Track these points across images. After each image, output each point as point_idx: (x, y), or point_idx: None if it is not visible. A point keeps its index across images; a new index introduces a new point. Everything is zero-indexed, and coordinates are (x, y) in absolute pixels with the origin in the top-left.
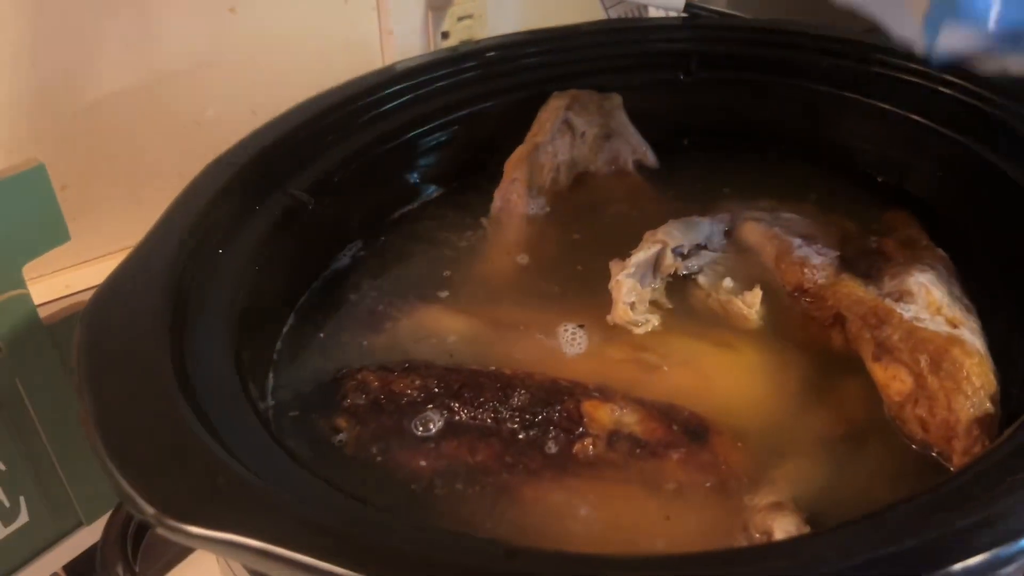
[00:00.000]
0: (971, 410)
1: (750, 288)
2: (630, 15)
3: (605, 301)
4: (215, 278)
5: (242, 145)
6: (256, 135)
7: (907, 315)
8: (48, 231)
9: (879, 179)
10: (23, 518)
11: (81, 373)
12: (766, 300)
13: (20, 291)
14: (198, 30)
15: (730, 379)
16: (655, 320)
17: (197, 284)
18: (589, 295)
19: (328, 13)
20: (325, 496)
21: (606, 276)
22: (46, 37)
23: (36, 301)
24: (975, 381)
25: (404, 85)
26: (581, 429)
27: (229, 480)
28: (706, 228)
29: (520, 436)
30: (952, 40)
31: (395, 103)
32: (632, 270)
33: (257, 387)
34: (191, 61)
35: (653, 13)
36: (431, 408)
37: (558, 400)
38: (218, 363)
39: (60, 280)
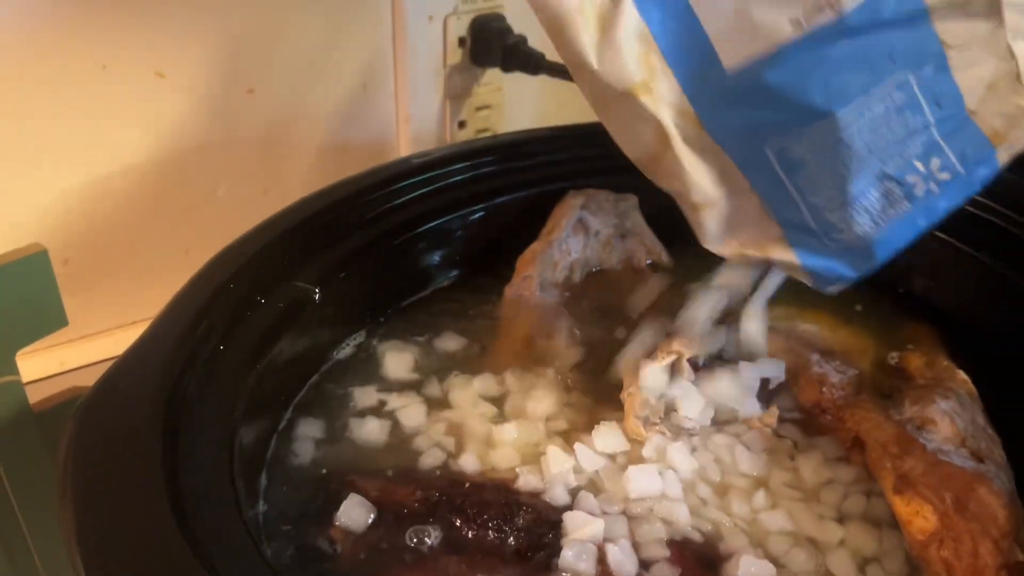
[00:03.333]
0: (999, 557)
1: None
2: None
3: (617, 407)
4: (213, 378)
5: (250, 236)
6: (265, 226)
7: (930, 446)
8: (46, 317)
9: (900, 290)
10: None
11: (67, 485)
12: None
13: (12, 377)
14: (214, 109)
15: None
16: (667, 436)
17: (195, 384)
18: (597, 393)
19: (346, 97)
20: None
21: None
22: (57, 109)
23: (29, 377)
24: (1003, 524)
25: (418, 179)
26: None
27: None
28: (722, 337)
29: (525, 555)
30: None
31: (408, 196)
32: (646, 381)
33: (249, 490)
34: (205, 139)
35: None
36: (431, 521)
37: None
38: (211, 471)
39: (55, 356)
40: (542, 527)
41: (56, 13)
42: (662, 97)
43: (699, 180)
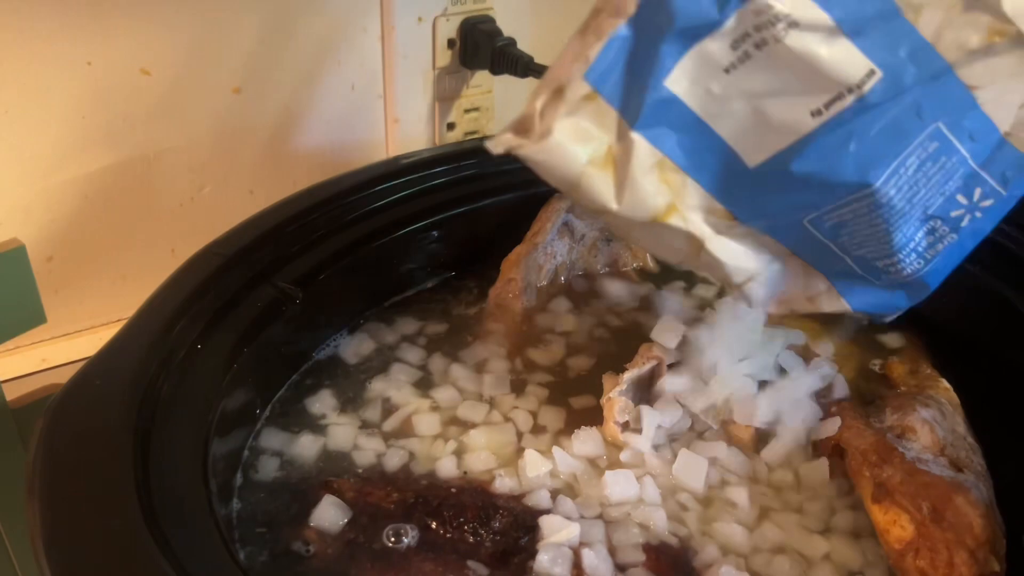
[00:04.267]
0: (975, 567)
1: None
2: None
3: (596, 412)
4: (189, 378)
5: (232, 235)
6: (247, 225)
7: (909, 455)
8: (24, 314)
9: None
10: None
11: (35, 483)
12: None
13: None
14: (200, 108)
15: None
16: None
17: (170, 384)
18: (577, 397)
19: (334, 98)
20: None
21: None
22: (42, 105)
23: (10, 375)
24: (979, 535)
25: (403, 180)
26: None
27: None
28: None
29: (500, 558)
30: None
31: (393, 197)
32: (625, 387)
33: (223, 490)
34: (191, 138)
35: None
36: (407, 523)
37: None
38: (184, 472)
39: (37, 353)
40: (518, 530)
41: (41, 9)
42: (689, 207)
43: (739, 264)
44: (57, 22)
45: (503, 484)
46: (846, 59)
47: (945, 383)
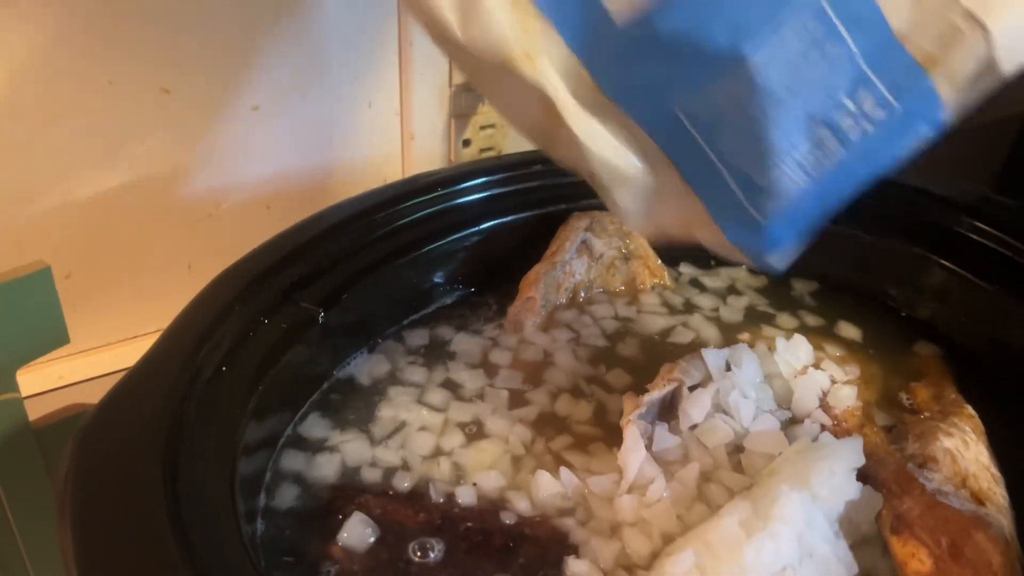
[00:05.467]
0: None
1: None
2: None
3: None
4: (215, 400)
5: (253, 256)
6: (268, 246)
7: (930, 486)
8: (48, 334)
9: (903, 314)
10: None
11: (67, 507)
12: None
13: (12, 395)
14: (219, 125)
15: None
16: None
17: (196, 407)
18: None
19: (351, 115)
20: None
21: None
22: (62, 125)
23: (27, 392)
24: (998, 572)
25: (422, 199)
26: None
27: None
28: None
29: None
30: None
31: (412, 216)
32: (644, 410)
33: (248, 510)
34: (209, 154)
35: None
36: (435, 545)
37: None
38: (212, 495)
39: (54, 371)
40: (545, 559)
41: (63, 30)
42: (548, 63)
43: (604, 154)
44: (79, 42)
45: (516, 505)
46: None
47: (970, 410)
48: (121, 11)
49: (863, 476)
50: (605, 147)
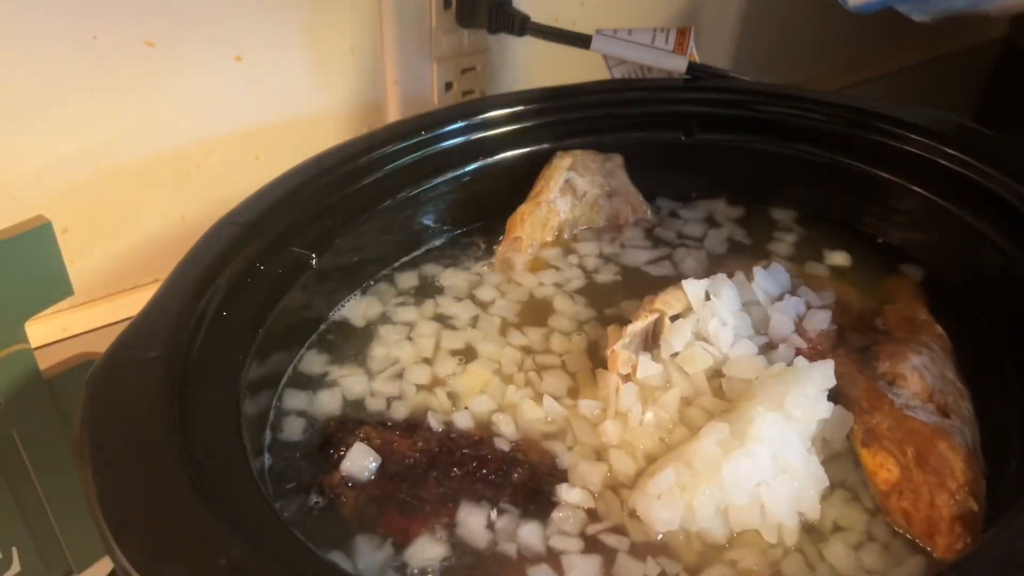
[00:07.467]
0: (954, 507)
1: None
2: (633, 76)
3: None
4: (218, 342)
5: (246, 205)
6: (260, 194)
7: (898, 402)
8: (52, 287)
9: (879, 240)
10: (15, 568)
11: (84, 449)
12: None
13: (22, 346)
14: (203, 76)
15: None
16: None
17: (200, 349)
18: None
19: (334, 62)
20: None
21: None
22: (49, 81)
23: (34, 343)
24: (960, 478)
25: (407, 143)
26: None
27: (232, 562)
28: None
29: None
30: None
31: (398, 161)
32: (627, 340)
33: (254, 446)
34: (195, 107)
35: (657, 75)
36: (432, 473)
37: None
38: (220, 429)
39: (58, 323)
40: (537, 482)
41: None
42: None
43: None
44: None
45: (503, 430)
46: None
47: (939, 328)
48: None
49: (836, 396)
50: None
